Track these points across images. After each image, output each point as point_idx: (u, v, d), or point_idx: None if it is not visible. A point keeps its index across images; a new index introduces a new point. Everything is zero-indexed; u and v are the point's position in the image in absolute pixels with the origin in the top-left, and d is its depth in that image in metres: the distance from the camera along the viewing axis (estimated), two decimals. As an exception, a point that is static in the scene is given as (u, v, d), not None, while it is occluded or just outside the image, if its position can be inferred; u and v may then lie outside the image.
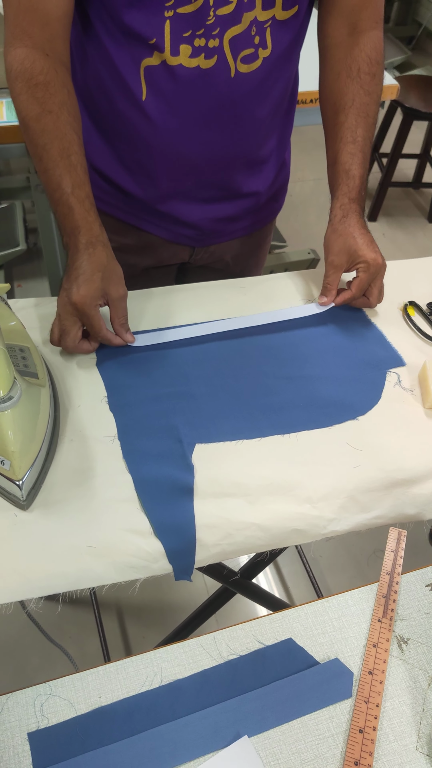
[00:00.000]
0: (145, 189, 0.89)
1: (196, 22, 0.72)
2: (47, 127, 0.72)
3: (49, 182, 0.73)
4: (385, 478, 0.68)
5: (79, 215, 0.72)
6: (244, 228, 1.01)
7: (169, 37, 0.72)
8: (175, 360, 0.77)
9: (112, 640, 1.34)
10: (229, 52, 0.75)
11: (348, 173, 0.82)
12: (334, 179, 0.84)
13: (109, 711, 0.53)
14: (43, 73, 0.72)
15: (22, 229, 2.05)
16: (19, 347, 0.67)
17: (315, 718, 0.53)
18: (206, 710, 0.53)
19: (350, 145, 0.82)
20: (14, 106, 0.74)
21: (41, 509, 0.61)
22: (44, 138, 0.72)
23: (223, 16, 0.72)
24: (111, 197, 0.92)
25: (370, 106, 0.83)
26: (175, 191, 0.89)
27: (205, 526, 0.62)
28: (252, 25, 0.75)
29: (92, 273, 0.71)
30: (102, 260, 0.72)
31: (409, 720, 0.54)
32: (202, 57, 0.74)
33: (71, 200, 0.72)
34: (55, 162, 0.72)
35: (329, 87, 0.86)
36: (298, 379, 0.76)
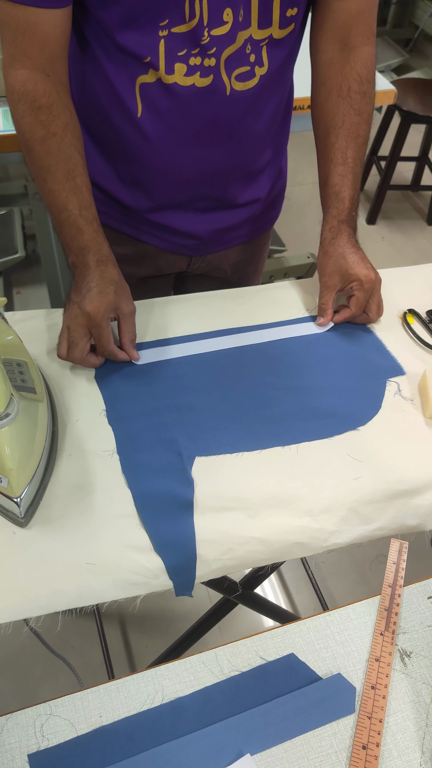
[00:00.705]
0: (140, 201, 0.90)
1: (191, 42, 0.72)
2: (52, 150, 0.73)
3: (55, 203, 0.74)
4: (386, 489, 0.67)
5: (89, 236, 0.74)
6: (242, 236, 1.00)
7: (163, 55, 0.72)
8: (174, 372, 0.77)
9: (114, 651, 1.33)
10: (224, 70, 0.75)
11: (338, 195, 0.83)
12: (324, 201, 0.85)
13: (109, 730, 0.52)
14: (46, 95, 0.72)
15: (20, 236, 2.05)
16: (17, 362, 0.67)
17: (318, 734, 0.53)
18: (208, 728, 0.53)
19: (340, 167, 0.83)
20: (16, 127, 0.74)
21: (40, 526, 0.61)
22: (49, 160, 0.73)
23: (218, 36, 0.72)
24: (107, 207, 0.92)
25: (361, 126, 0.83)
26: (171, 203, 0.89)
27: (205, 541, 0.61)
28: (247, 43, 0.75)
29: (105, 287, 0.72)
30: (114, 277, 0.74)
31: (412, 735, 0.53)
32: (198, 75, 0.74)
33: (79, 222, 0.73)
34: (61, 184, 0.73)
35: (320, 106, 0.86)
36: (297, 390, 0.76)
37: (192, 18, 0.70)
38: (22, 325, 0.81)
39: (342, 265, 0.81)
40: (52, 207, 0.75)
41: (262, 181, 0.94)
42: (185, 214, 0.91)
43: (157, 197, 0.88)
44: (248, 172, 0.90)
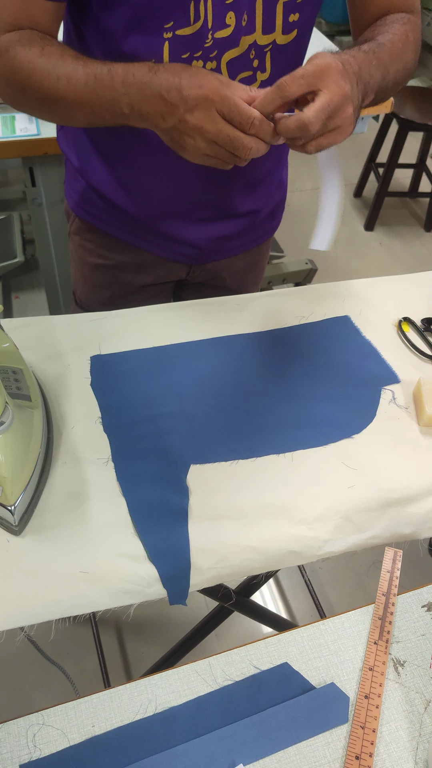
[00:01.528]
0: (141, 208, 0.90)
1: (195, 45, 0.72)
2: (53, 52, 0.66)
3: (77, 83, 0.64)
4: (380, 497, 0.67)
5: (127, 67, 0.63)
6: (242, 246, 1.01)
7: (167, 59, 0.72)
8: (169, 380, 0.77)
9: (111, 658, 1.33)
10: (226, 74, 0.75)
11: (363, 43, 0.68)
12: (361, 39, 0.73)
13: (102, 740, 0.52)
14: (36, 35, 0.68)
15: (19, 241, 2.06)
16: (12, 369, 0.67)
17: (311, 744, 0.53)
18: (201, 738, 0.52)
19: (374, 33, 0.72)
20: (10, 72, 0.67)
21: (34, 534, 0.61)
22: (53, 60, 0.65)
23: (220, 39, 0.72)
24: (107, 215, 0.92)
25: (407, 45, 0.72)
26: (171, 211, 0.89)
27: (199, 549, 0.61)
28: (251, 48, 0.75)
29: (185, 69, 0.60)
30: (180, 65, 0.63)
31: (405, 745, 0.53)
32: None
33: (106, 66, 0.64)
34: (74, 66, 0.65)
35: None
36: (292, 398, 0.76)
37: (197, 20, 0.69)
38: (18, 332, 0.81)
39: (328, 63, 0.60)
40: (77, 90, 0.64)
41: (262, 190, 0.94)
42: (185, 224, 0.91)
43: (158, 204, 0.88)
44: (249, 180, 0.90)
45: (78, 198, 0.93)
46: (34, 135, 1.33)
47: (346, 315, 0.90)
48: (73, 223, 0.99)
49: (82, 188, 0.91)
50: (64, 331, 0.83)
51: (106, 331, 0.83)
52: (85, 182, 0.90)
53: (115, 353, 0.80)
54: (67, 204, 0.98)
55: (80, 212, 0.95)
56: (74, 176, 0.93)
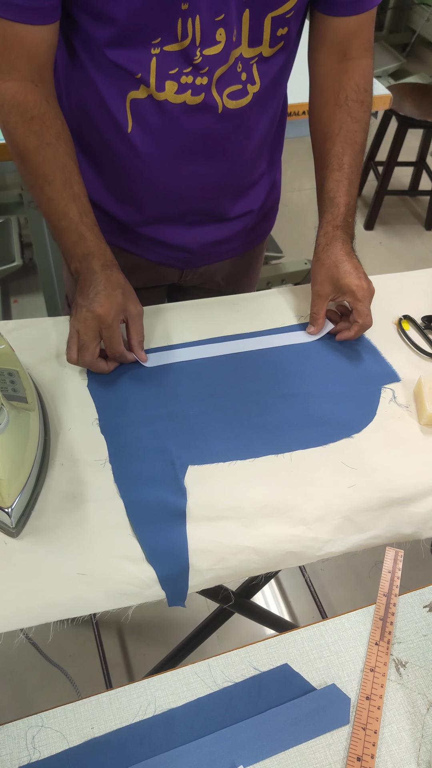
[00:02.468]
0: (131, 215, 0.89)
1: (184, 61, 0.72)
2: (47, 159, 0.73)
3: (54, 212, 0.74)
4: (381, 497, 0.67)
5: (92, 242, 0.74)
6: (235, 249, 1.00)
7: (154, 73, 0.72)
8: (167, 380, 0.77)
9: (112, 660, 1.32)
10: (215, 89, 0.75)
11: (333, 201, 0.82)
12: (320, 207, 0.85)
13: (101, 742, 0.52)
14: (37, 105, 0.72)
15: (17, 245, 2.06)
16: (8, 371, 0.67)
17: (312, 746, 0.52)
18: (201, 740, 0.52)
19: (336, 173, 0.83)
20: (8, 139, 0.74)
21: (31, 536, 0.60)
22: (45, 169, 0.73)
23: (210, 55, 0.72)
24: (97, 220, 0.92)
25: (358, 134, 0.84)
26: (162, 217, 0.89)
27: (198, 550, 0.61)
28: (238, 62, 0.75)
29: (113, 289, 0.73)
30: (120, 280, 0.75)
31: (408, 746, 0.53)
32: (189, 93, 0.74)
33: (81, 228, 0.74)
34: (59, 192, 0.73)
35: (318, 114, 0.86)
36: (291, 397, 0.76)
37: (185, 38, 0.70)
38: (14, 334, 0.81)
39: (334, 274, 0.80)
40: (51, 216, 0.75)
41: (254, 193, 0.94)
42: (176, 228, 0.91)
43: (148, 211, 0.88)
44: (241, 186, 0.90)
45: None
46: (31, 137, 1.33)
47: (345, 314, 0.89)
48: None
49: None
50: (60, 332, 0.82)
51: (103, 332, 0.83)
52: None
53: (112, 354, 0.80)
54: None
55: None
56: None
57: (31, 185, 0.75)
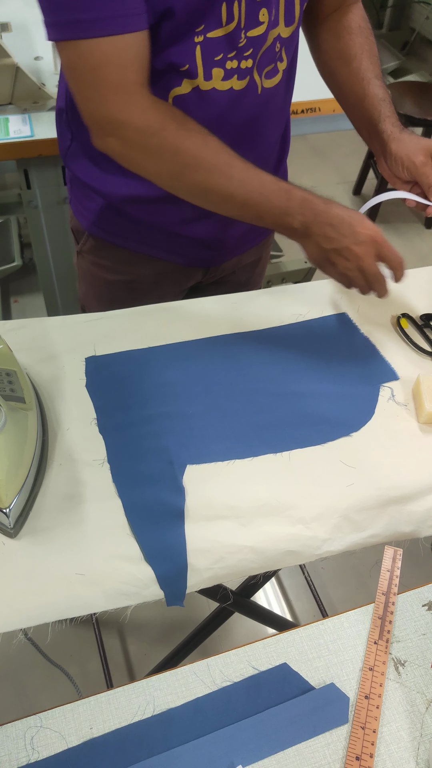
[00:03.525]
0: (169, 216, 0.89)
1: (228, 45, 0.72)
2: (217, 147, 0.72)
3: (251, 189, 0.72)
4: (379, 496, 0.67)
5: (299, 190, 0.74)
6: (253, 239, 1.01)
7: (201, 62, 0.72)
8: (165, 379, 0.77)
9: (113, 659, 1.32)
10: (256, 70, 0.76)
11: (385, 101, 0.85)
12: (369, 110, 0.86)
13: (100, 743, 0.52)
14: (173, 107, 0.72)
15: (17, 245, 2.05)
16: (6, 371, 0.67)
17: (311, 745, 0.52)
18: (200, 740, 0.52)
19: (375, 80, 0.85)
20: (172, 153, 0.70)
21: (29, 537, 0.60)
22: (223, 156, 0.72)
23: (253, 37, 0.72)
24: (125, 230, 0.92)
25: (376, 53, 0.87)
26: (200, 214, 0.89)
27: (196, 550, 0.61)
28: (276, 41, 0.76)
29: (356, 213, 0.74)
30: (346, 207, 0.75)
31: (406, 745, 0.53)
32: (235, 78, 0.75)
33: (281, 185, 0.73)
34: (246, 169, 0.72)
35: (332, 47, 0.88)
36: (290, 396, 0.76)
37: (230, 21, 0.70)
38: (13, 334, 0.81)
39: (423, 145, 0.81)
40: (250, 194, 0.72)
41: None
42: (207, 222, 0.91)
43: (187, 210, 0.87)
44: (267, 170, 0.92)
45: (93, 218, 0.92)
46: (27, 136, 1.33)
47: (344, 312, 0.89)
48: (85, 242, 0.98)
49: (98, 207, 0.91)
50: (58, 332, 0.82)
51: (101, 332, 0.83)
52: (103, 201, 0.89)
53: (110, 354, 0.80)
54: (78, 224, 0.97)
55: (96, 231, 0.94)
56: (87, 196, 0.92)
57: (216, 183, 0.72)
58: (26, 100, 1.39)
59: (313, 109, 1.53)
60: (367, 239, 0.73)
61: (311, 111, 1.53)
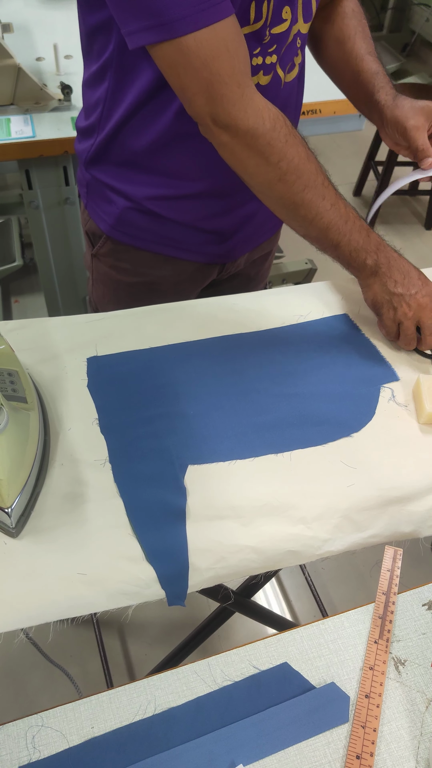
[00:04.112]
0: (193, 212, 0.90)
1: (254, 43, 0.73)
2: (316, 166, 0.74)
3: (338, 215, 0.75)
4: (380, 496, 0.67)
5: (374, 234, 0.78)
6: (268, 231, 1.03)
7: None
8: (166, 380, 0.77)
9: (114, 660, 1.33)
10: (279, 65, 0.77)
11: (378, 73, 0.86)
12: (365, 84, 0.87)
13: (101, 742, 0.52)
14: (281, 112, 0.71)
15: (18, 245, 2.06)
16: (8, 371, 0.67)
17: (311, 744, 0.53)
18: (200, 739, 0.52)
19: (368, 57, 0.87)
20: (275, 156, 0.70)
21: (31, 536, 0.60)
22: (321, 176, 0.74)
23: (277, 34, 0.74)
24: (145, 232, 0.93)
25: (368, 34, 0.89)
26: (221, 209, 0.90)
27: (198, 550, 0.61)
28: (296, 38, 0.78)
29: (419, 274, 0.79)
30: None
31: (407, 744, 0.53)
32: (261, 74, 0.76)
33: (361, 223, 0.77)
34: (335, 196, 0.75)
35: (326, 32, 0.90)
36: (291, 397, 0.76)
37: (257, 20, 0.71)
38: (14, 334, 0.81)
39: (421, 105, 0.82)
40: (336, 220, 0.75)
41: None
42: (230, 217, 0.92)
43: (212, 205, 0.88)
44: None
45: (113, 221, 0.93)
46: (29, 137, 1.33)
47: (345, 313, 0.90)
48: (103, 245, 0.98)
49: (119, 210, 0.91)
50: (60, 332, 0.83)
51: (102, 333, 0.83)
52: (125, 203, 0.90)
53: (111, 354, 0.80)
54: (95, 227, 0.97)
55: (116, 234, 0.95)
56: (107, 199, 0.92)
57: (308, 201, 0.73)
58: (28, 101, 1.39)
59: (314, 110, 1.53)
60: (419, 305, 0.76)
61: (312, 113, 1.54)
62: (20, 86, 1.35)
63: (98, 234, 0.98)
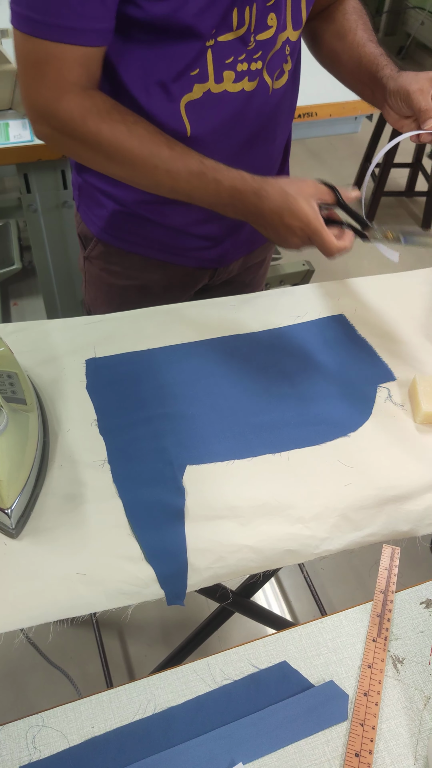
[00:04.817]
0: (181, 217, 0.90)
1: (238, 49, 0.73)
2: (143, 135, 0.72)
3: (179, 177, 0.73)
4: (377, 495, 0.67)
5: (228, 176, 0.73)
6: (262, 239, 1.02)
7: (212, 65, 0.73)
8: (165, 380, 0.77)
9: (113, 661, 1.33)
10: (266, 71, 0.77)
11: (381, 55, 0.84)
12: (367, 66, 0.84)
13: (102, 741, 0.52)
14: (104, 100, 0.71)
15: (17, 248, 2.06)
16: (7, 373, 0.67)
17: (311, 742, 0.53)
18: (200, 737, 0.52)
19: (369, 43, 0.86)
20: (95, 145, 0.72)
21: (31, 537, 0.61)
22: (149, 146, 0.72)
23: (262, 40, 0.74)
24: (135, 236, 0.93)
25: (370, 27, 0.88)
26: (210, 215, 0.90)
27: (196, 549, 0.61)
28: (285, 45, 0.78)
29: (284, 199, 0.71)
30: (279, 187, 0.72)
31: (405, 742, 0.53)
32: (246, 80, 0.76)
33: (208, 174, 0.73)
34: (173, 158, 0.72)
35: (328, 30, 0.89)
36: (288, 397, 0.76)
37: (240, 26, 0.71)
38: (13, 336, 0.82)
39: (424, 75, 0.79)
40: (178, 183, 0.73)
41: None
42: (221, 223, 0.92)
43: (201, 211, 0.88)
44: (275, 172, 0.94)
45: (103, 224, 0.93)
46: (28, 141, 1.34)
47: (341, 314, 0.90)
48: (94, 248, 0.98)
49: (109, 213, 0.91)
50: (59, 334, 0.83)
51: (101, 334, 0.83)
52: (114, 206, 0.90)
53: (110, 356, 0.80)
54: (86, 230, 0.97)
55: (106, 237, 0.95)
56: (97, 202, 0.92)
57: (141, 173, 0.73)
58: (25, 105, 1.40)
59: (310, 113, 1.54)
60: (296, 230, 0.71)
61: (308, 116, 1.55)
62: (18, 91, 1.36)
63: (89, 237, 0.98)
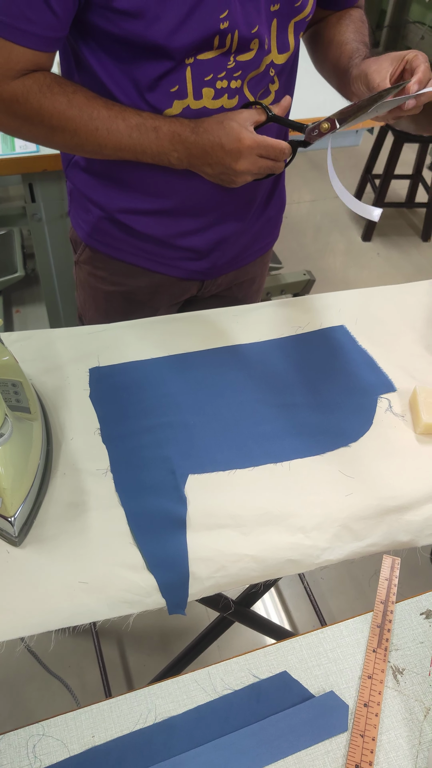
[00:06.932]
0: (164, 228, 0.90)
1: (217, 67, 0.74)
2: (82, 102, 0.73)
3: (121, 136, 0.74)
4: (377, 505, 0.68)
5: (167, 125, 0.75)
6: (249, 256, 1.03)
7: (191, 82, 0.74)
8: (167, 390, 0.78)
9: (112, 670, 1.32)
10: (247, 90, 0.78)
11: (359, 49, 0.84)
12: (345, 62, 0.84)
13: (102, 751, 0.52)
14: (44, 75, 0.73)
15: (20, 256, 2.08)
16: (12, 382, 0.68)
17: (311, 753, 0.53)
18: (200, 748, 0.52)
19: (353, 43, 0.85)
20: (39, 119, 0.73)
21: (34, 545, 0.61)
22: (87, 110, 0.73)
23: (243, 61, 0.75)
24: (120, 243, 0.93)
25: (365, 32, 0.89)
26: (195, 227, 0.91)
27: (198, 558, 0.62)
28: (269, 68, 0.78)
29: (222, 129, 0.73)
30: (214, 120, 0.74)
31: (405, 753, 0.53)
32: (226, 97, 0.77)
33: (147, 123, 0.74)
34: (111, 117, 0.74)
35: (326, 37, 0.89)
36: (290, 407, 0.77)
37: (221, 47, 0.72)
38: (18, 345, 0.82)
39: (385, 56, 0.78)
40: (120, 139, 0.74)
41: (277, 195, 0.99)
42: (206, 236, 0.92)
43: (185, 223, 0.89)
44: (270, 191, 0.94)
45: (90, 229, 0.94)
46: (33, 152, 1.35)
47: (342, 324, 0.91)
48: (82, 252, 0.99)
49: (95, 219, 0.92)
50: (63, 343, 0.84)
51: (104, 344, 0.84)
52: (99, 213, 0.91)
53: (113, 365, 0.81)
54: (75, 234, 0.98)
55: (92, 242, 0.95)
56: (84, 208, 0.93)
57: (84, 138, 0.75)
58: (30, 116, 1.41)
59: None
60: (242, 151, 0.72)
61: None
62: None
63: (78, 241, 0.99)
